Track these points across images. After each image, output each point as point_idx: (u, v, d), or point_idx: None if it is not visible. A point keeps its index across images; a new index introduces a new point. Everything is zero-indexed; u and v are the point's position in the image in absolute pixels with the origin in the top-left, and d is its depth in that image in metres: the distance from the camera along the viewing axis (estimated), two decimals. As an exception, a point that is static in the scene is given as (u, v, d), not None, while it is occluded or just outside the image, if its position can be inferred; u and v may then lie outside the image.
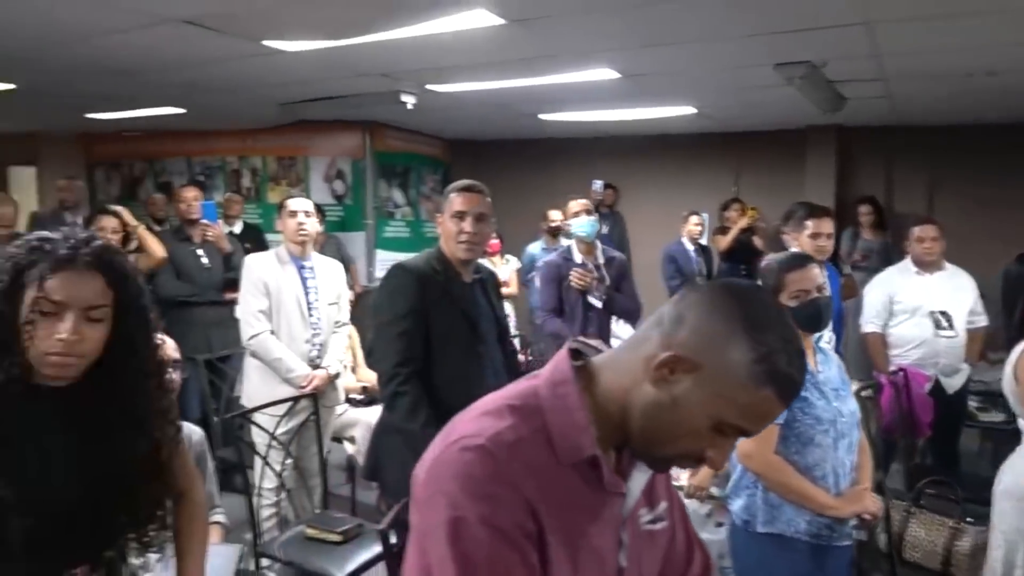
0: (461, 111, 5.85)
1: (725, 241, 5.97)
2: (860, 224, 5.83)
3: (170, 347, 2.00)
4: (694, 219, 5.76)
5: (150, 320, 1.28)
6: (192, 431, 2.23)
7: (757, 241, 5.94)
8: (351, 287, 5.94)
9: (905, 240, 3.90)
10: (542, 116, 5.97)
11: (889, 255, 5.39)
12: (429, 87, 4.84)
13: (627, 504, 0.94)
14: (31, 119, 7.07)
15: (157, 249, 3.85)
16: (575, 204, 3.69)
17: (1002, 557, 2.04)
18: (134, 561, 1.36)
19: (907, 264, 3.89)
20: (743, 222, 5.94)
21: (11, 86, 5.05)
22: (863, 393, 3.48)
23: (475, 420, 0.90)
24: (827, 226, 3.18)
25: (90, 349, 1.19)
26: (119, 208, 3.83)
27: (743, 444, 2.01)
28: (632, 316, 3.82)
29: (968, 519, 2.50)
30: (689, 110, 5.42)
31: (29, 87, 5.08)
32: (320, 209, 5.57)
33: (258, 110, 5.83)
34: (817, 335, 3.24)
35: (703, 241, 5.94)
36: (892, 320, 3.83)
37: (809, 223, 3.18)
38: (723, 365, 0.85)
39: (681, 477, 2.82)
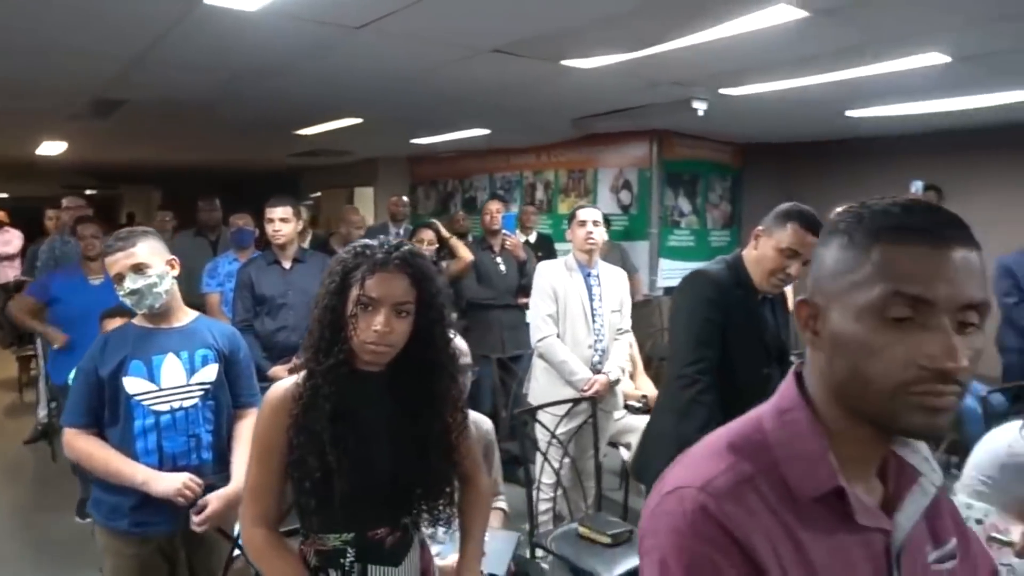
0: (755, 114, 5.57)
1: None
2: None
3: (460, 345, 2.21)
4: (1045, 225, 4.76)
5: (446, 316, 1.45)
6: (481, 421, 2.44)
7: None
8: (633, 296, 6.05)
9: None
10: (849, 113, 5.43)
11: None
12: (722, 91, 4.70)
13: (895, 539, 0.81)
14: (372, 147, 8.38)
15: (466, 254, 4.33)
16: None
17: None
18: (425, 530, 1.54)
19: None
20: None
21: (358, 120, 6.04)
22: None
23: (692, 464, 0.82)
24: None
25: (399, 340, 1.38)
26: (435, 221, 4.37)
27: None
28: None
29: None
30: (1038, 94, 4.50)
31: (370, 120, 6.02)
32: (606, 219, 5.78)
33: (553, 126, 6.19)
34: None
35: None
36: None
37: None
38: (828, 268, 0.79)
39: (1012, 531, 2.35)
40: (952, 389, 0.72)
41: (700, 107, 4.83)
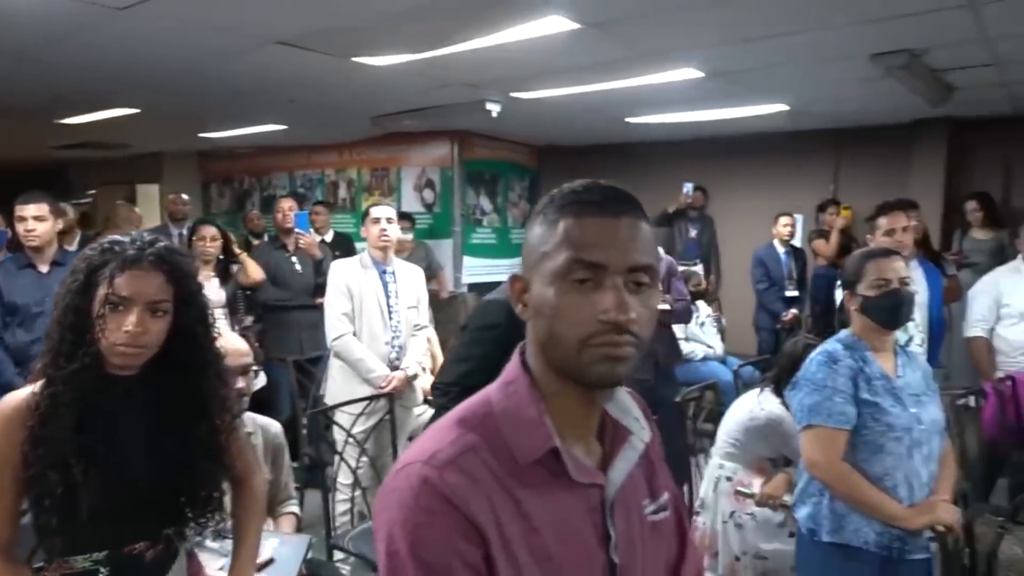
0: (548, 117, 5.90)
1: (831, 248, 5.65)
2: (969, 222, 5.42)
3: (238, 345, 2.13)
4: (783, 220, 5.55)
5: (207, 314, 1.40)
6: (269, 425, 2.37)
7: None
8: (439, 293, 6.15)
9: (1017, 238, 3.62)
10: (629, 120, 5.93)
11: (1004, 254, 4.97)
12: (513, 95, 4.92)
13: (608, 493, 0.90)
14: (155, 140, 7.72)
15: (255, 272, 4.17)
16: None
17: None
18: (191, 540, 1.47)
19: (1018, 264, 3.62)
20: (839, 223, 5.65)
21: (134, 110, 5.55)
22: (960, 402, 3.26)
23: (422, 441, 0.87)
24: (901, 220, 3.01)
25: (153, 340, 1.31)
26: (228, 233, 4.15)
27: (809, 453, 1.94)
28: (683, 317, 3.76)
29: (1078, 541, 2.27)
30: (781, 107, 5.22)
31: (150, 111, 5.56)
32: (410, 217, 5.82)
33: (352, 124, 6.11)
34: (906, 339, 3.09)
35: (795, 243, 5.70)
36: (1000, 324, 3.56)
37: (882, 220, 3.02)
38: (530, 245, 0.87)
39: (754, 484, 2.73)
40: (627, 339, 0.81)
41: (493, 109, 5.02)
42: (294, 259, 4.36)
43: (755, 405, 2.80)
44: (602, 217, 0.83)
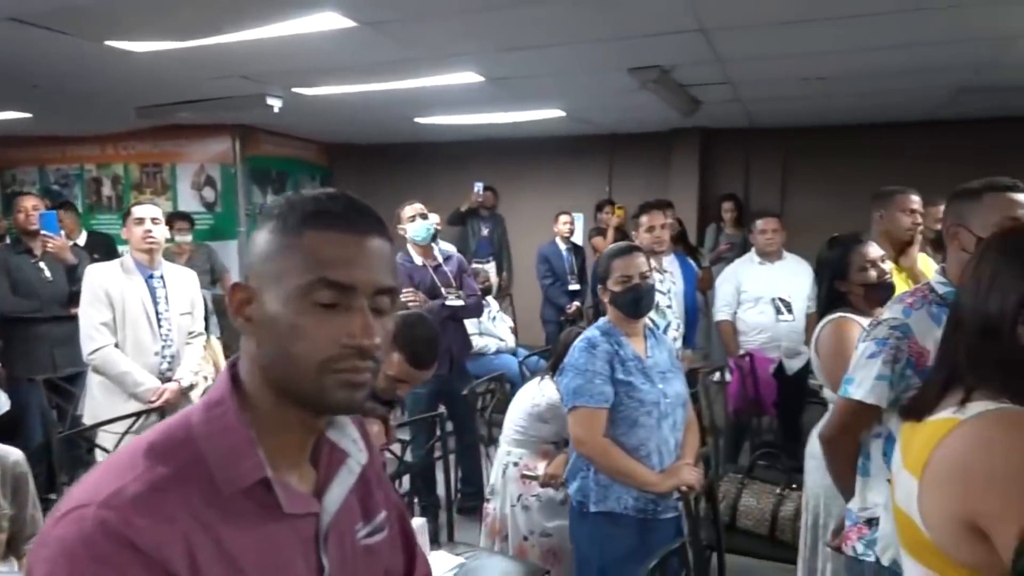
0: (336, 115, 5.77)
1: (607, 244, 6.12)
2: (723, 220, 6.18)
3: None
4: (563, 219, 5.93)
5: None
6: (8, 453, 2.10)
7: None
8: (223, 296, 5.76)
9: (751, 233, 4.19)
10: (418, 120, 5.99)
11: (747, 248, 5.74)
12: (296, 90, 4.75)
13: (323, 521, 0.83)
14: None
15: None
16: (410, 209, 3.73)
17: (811, 514, 2.23)
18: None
19: (752, 255, 4.19)
20: (615, 222, 6.16)
21: None
22: (714, 377, 3.72)
23: (98, 477, 0.73)
24: (659, 218, 3.39)
25: None
26: None
27: (575, 432, 2.12)
28: (474, 312, 3.92)
29: (793, 486, 2.70)
30: (558, 113, 5.57)
31: None
32: (188, 217, 5.39)
33: (112, 115, 5.53)
34: (664, 324, 3.45)
35: (576, 240, 6.12)
36: (740, 308, 4.09)
37: (644, 218, 3.38)
38: (262, 253, 0.79)
39: (539, 467, 2.90)
40: (368, 365, 0.78)
41: (275, 104, 4.82)
42: (42, 265, 3.85)
43: (537, 392, 2.97)
44: (350, 234, 0.78)
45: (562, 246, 5.90)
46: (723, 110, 5.41)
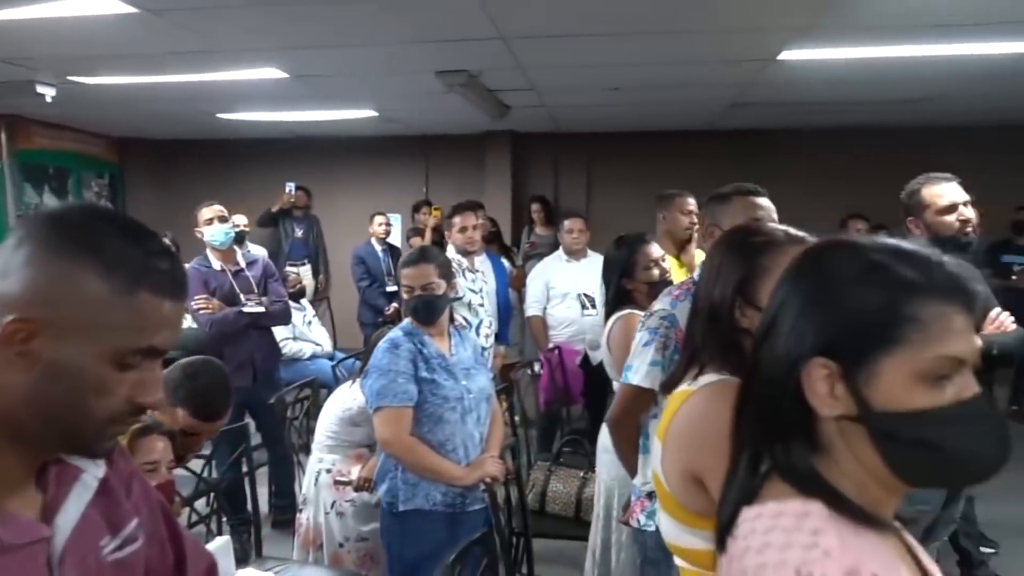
0: (125, 107, 5.29)
1: (425, 244, 6.15)
2: (534, 220, 6.45)
3: None
4: (379, 220, 5.89)
5: None
6: None
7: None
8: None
9: (559, 231, 4.43)
10: (221, 115, 5.65)
11: (558, 247, 6.04)
12: (73, 78, 4.30)
13: (56, 544, 0.78)
14: None
15: None
16: (208, 211, 3.53)
17: (603, 502, 2.41)
18: None
19: (560, 253, 4.43)
20: (432, 222, 6.21)
21: None
22: (530, 371, 3.88)
23: None
24: (471, 219, 3.49)
25: None
26: None
27: (381, 432, 2.12)
28: (282, 318, 3.77)
29: (596, 468, 2.89)
30: (370, 113, 5.52)
31: None
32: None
33: None
34: (476, 322, 3.55)
35: (393, 241, 6.10)
36: (550, 304, 4.31)
37: (456, 219, 3.46)
38: (78, 300, 0.73)
39: (352, 472, 2.87)
40: (139, 417, 0.82)
41: (47, 92, 4.34)
42: None
43: (348, 396, 2.93)
44: (177, 302, 0.79)
45: (378, 247, 5.85)
46: (530, 115, 5.66)
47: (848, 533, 0.68)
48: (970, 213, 2.40)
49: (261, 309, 3.52)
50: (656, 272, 2.45)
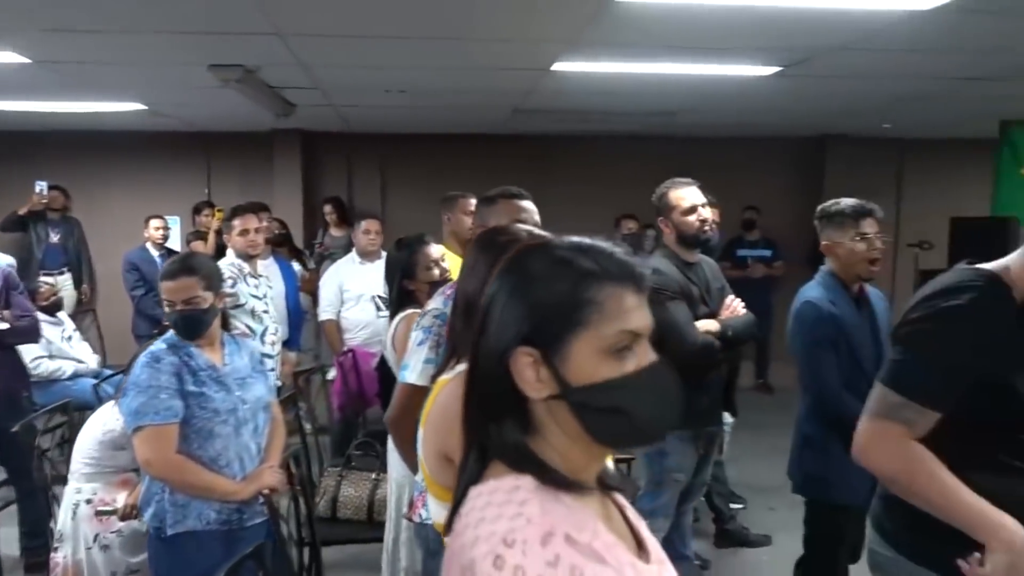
0: None
1: (209, 249, 5.73)
2: (327, 222, 6.30)
3: None
4: (155, 223, 5.43)
5: None
6: None
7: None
8: None
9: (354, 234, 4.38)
10: (-53, 103, 4.87)
11: (352, 249, 5.95)
12: None
13: None
14: None
15: None
16: None
17: (395, 499, 2.43)
18: None
19: (353, 255, 4.38)
20: (215, 225, 5.82)
21: None
22: (320, 376, 3.79)
23: None
24: (253, 222, 3.37)
25: None
26: None
27: (142, 454, 1.98)
28: (29, 335, 3.37)
29: (387, 470, 2.90)
30: (137, 106, 5.05)
31: None
32: None
33: None
34: (261, 329, 3.41)
35: (172, 245, 5.65)
36: (344, 306, 4.24)
37: (236, 222, 3.32)
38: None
39: (118, 500, 2.62)
40: None
41: None
42: None
43: (110, 417, 2.68)
44: None
45: (154, 252, 5.38)
46: (318, 114, 5.51)
47: (549, 501, 0.76)
48: (707, 213, 2.75)
49: (4, 325, 3.11)
50: (436, 272, 2.51)
